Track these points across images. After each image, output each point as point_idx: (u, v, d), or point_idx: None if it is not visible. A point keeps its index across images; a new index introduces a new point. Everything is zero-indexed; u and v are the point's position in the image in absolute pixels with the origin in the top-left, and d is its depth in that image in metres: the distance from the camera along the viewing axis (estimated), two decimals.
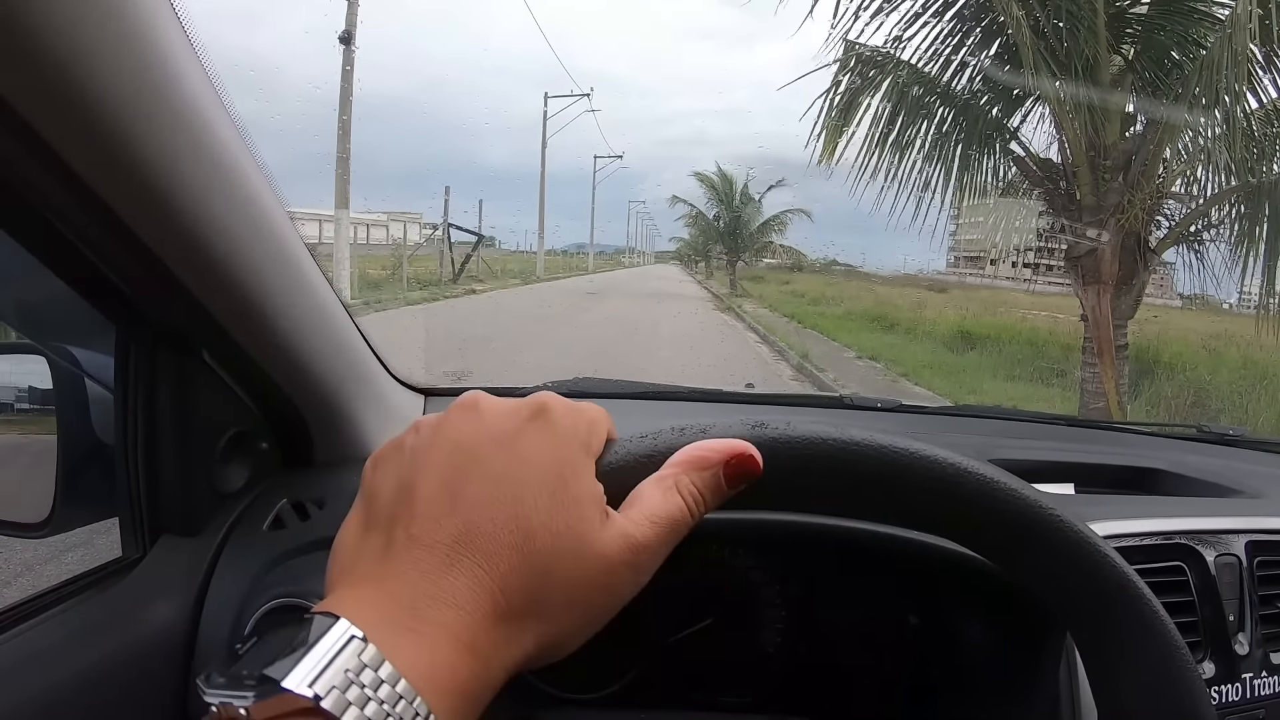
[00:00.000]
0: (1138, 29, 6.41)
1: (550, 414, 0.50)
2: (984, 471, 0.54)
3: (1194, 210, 6.80)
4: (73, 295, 0.71)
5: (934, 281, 31.60)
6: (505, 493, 0.46)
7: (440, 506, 0.46)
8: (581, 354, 11.48)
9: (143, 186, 0.56)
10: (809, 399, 2.07)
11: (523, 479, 0.47)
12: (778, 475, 0.54)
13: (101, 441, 0.87)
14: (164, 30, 0.56)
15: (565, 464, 0.48)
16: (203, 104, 0.61)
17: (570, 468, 0.48)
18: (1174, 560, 1.06)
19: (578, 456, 0.50)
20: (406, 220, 33.07)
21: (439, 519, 0.45)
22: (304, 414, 0.92)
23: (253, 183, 0.68)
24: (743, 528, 1.00)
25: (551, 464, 0.48)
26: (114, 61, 0.51)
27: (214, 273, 0.66)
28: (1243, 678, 1.04)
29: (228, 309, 0.70)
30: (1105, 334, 6.54)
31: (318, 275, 0.82)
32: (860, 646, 1.09)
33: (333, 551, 0.49)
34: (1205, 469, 1.44)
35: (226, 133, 0.64)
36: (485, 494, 0.46)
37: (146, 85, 0.54)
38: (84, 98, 0.49)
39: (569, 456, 0.49)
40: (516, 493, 0.46)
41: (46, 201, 0.57)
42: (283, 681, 0.37)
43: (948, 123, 7.06)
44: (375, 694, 0.38)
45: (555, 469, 0.48)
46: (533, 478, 0.47)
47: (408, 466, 0.48)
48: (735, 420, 0.54)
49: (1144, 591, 0.56)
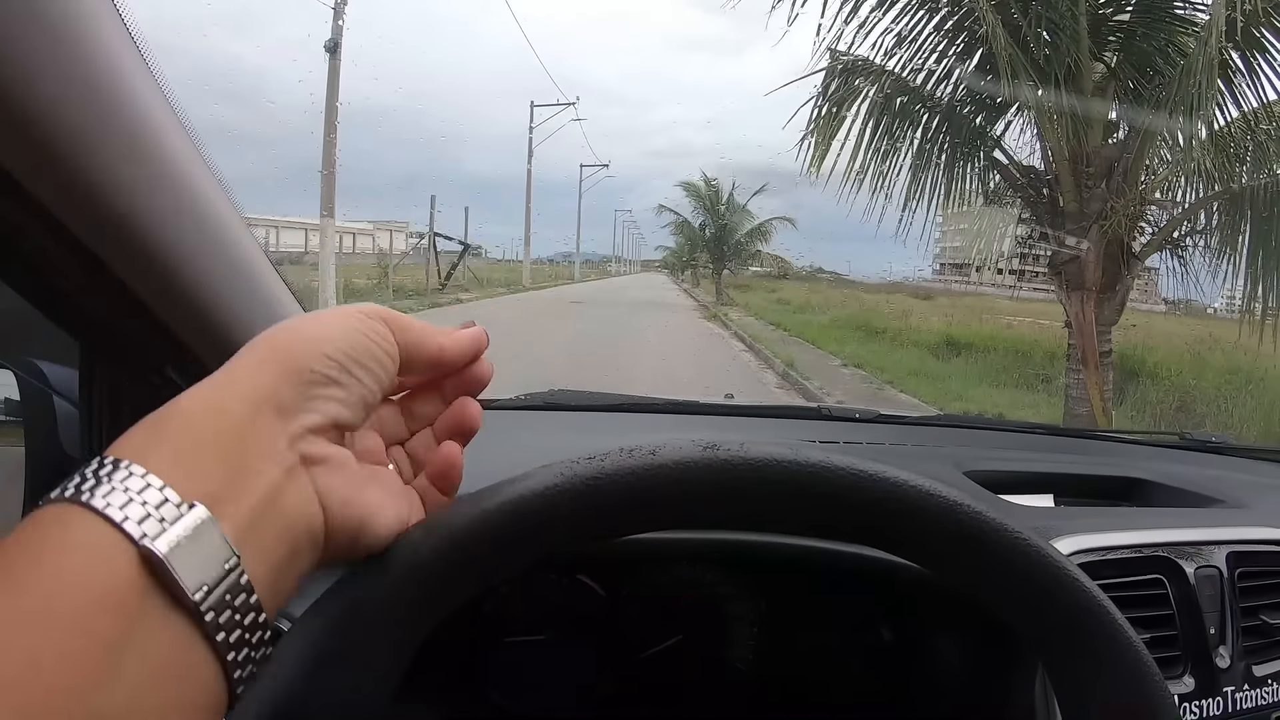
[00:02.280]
0: (1119, 36, 6.45)
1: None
2: (945, 493, 0.54)
3: (1177, 216, 6.84)
4: (36, 311, 0.70)
5: (919, 289, 31.76)
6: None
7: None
8: (563, 363, 11.48)
9: (101, 207, 0.56)
10: (787, 410, 2.06)
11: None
12: (733, 497, 0.53)
13: (70, 456, 0.86)
14: (114, 45, 0.55)
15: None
16: (156, 121, 0.60)
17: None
18: (1154, 573, 1.06)
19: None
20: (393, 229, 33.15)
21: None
22: None
23: (210, 198, 0.67)
24: (712, 546, 0.99)
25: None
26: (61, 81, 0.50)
27: (174, 290, 0.65)
28: (1224, 691, 1.04)
29: (189, 326, 0.69)
30: (1090, 340, 6.56)
31: (281, 287, 0.82)
32: (833, 663, 1.08)
33: None
34: (1187, 478, 1.44)
35: (185, 151, 0.63)
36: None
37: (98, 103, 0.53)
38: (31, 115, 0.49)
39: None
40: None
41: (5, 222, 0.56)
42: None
43: (931, 131, 7.09)
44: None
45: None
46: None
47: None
48: (687, 441, 0.53)
49: (1111, 612, 0.55)
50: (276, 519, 0.45)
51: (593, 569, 1.04)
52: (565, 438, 1.43)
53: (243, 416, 0.45)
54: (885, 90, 6.97)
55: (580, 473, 0.52)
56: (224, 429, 0.45)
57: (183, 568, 0.40)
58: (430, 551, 0.51)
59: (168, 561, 0.39)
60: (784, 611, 1.08)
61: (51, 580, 0.37)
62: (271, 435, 0.46)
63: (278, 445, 0.46)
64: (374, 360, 0.52)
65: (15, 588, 0.37)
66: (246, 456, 0.45)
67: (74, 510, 0.39)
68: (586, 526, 0.54)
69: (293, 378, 0.48)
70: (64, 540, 0.39)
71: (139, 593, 0.39)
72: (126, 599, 0.38)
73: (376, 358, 0.52)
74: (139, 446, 0.43)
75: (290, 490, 0.46)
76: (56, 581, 0.37)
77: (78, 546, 0.38)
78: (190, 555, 0.40)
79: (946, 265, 38.29)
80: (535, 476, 0.53)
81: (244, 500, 0.44)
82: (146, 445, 0.43)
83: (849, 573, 0.99)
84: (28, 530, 0.39)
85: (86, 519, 0.39)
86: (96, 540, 0.39)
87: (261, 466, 0.45)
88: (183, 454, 0.43)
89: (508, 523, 0.52)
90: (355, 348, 0.51)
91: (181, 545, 0.40)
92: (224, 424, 0.45)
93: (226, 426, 0.45)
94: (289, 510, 0.46)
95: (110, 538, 0.39)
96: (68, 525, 0.39)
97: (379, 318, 0.54)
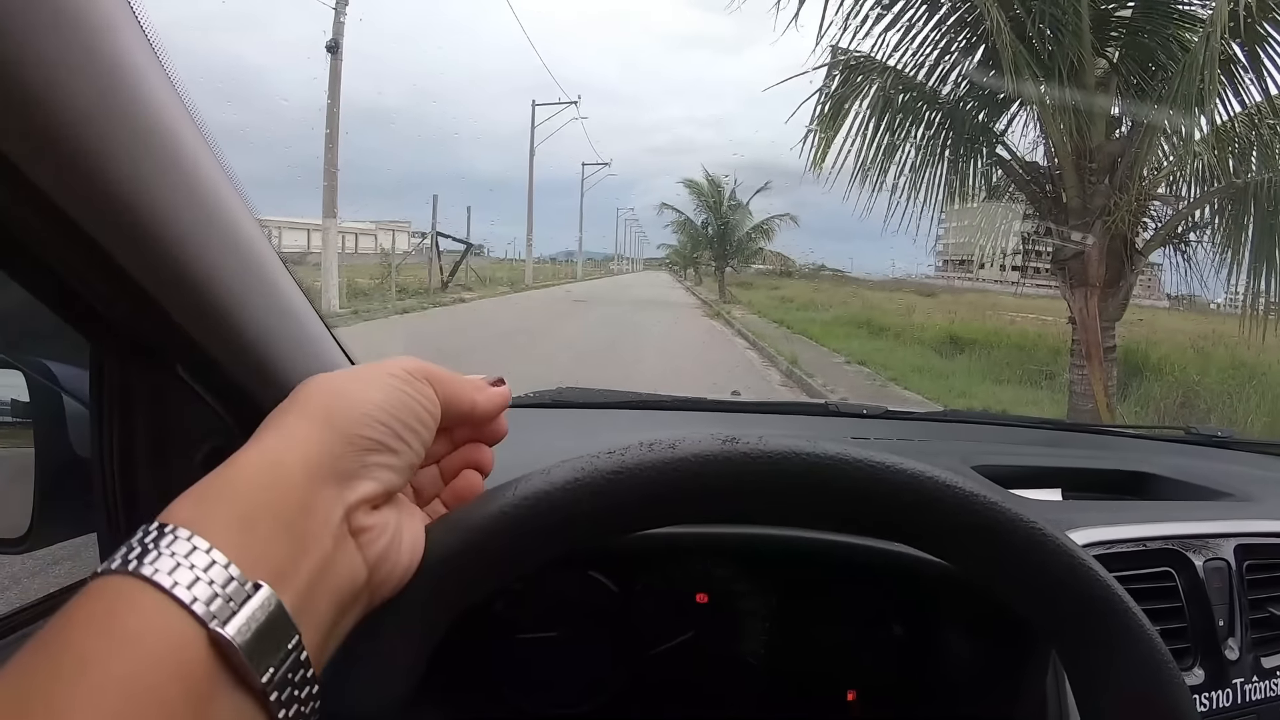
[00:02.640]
0: (1122, 32, 6.44)
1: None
2: (962, 485, 0.54)
3: (1180, 211, 6.82)
4: (45, 310, 0.70)
5: (922, 286, 31.71)
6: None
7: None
8: (567, 362, 11.47)
9: (111, 203, 0.55)
10: (794, 406, 2.06)
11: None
12: (752, 490, 0.53)
13: (79, 456, 0.86)
14: (126, 40, 0.55)
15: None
16: (169, 117, 0.60)
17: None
18: (1162, 566, 1.06)
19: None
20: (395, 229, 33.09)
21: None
22: None
23: (223, 195, 0.67)
24: (724, 541, 0.99)
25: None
26: (75, 73, 0.50)
27: (185, 287, 0.65)
28: (1233, 683, 1.04)
29: (200, 323, 0.69)
30: (1093, 336, 6.55)
31: (293, 287, 0.81)
32: (844, 658, 1.08)
33: None
34: (1194, 472, 1.44)
35: (195, 145, 0.63)
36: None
37: (109, 99, 0.53)
38: (44, 112, 0.48)
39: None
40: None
41: (14, 220, 0.56)
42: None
43: (934, 127, 7.08)
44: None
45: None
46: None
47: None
48: (706, 435, 0.54)
49: (1127, 602, 0.55)
50: (328, 588, 0.46)
51: (605, 565, 1.03)
52: (575, 435, 1.42)
53: (303, 485, 0.46)
54: (887, 87, 6.95)
55: (601, 467, 0.53)
56: (286, 499, 0.45)
57: (252, 653, 0.40)
58: (450, 549, 0.51)
59: (240, 649, 0.39)
60: (796, 607, 1.07)
61: (126, 665, 0.37)
62: (329, 505, 0.47)
63: (334, 516, 0.47)
64: (420, 423, 0.53)
65: (90, 670, 0.36)
66: (306, 528, 0.45)
67: (139, 587, 0.39)
68: (607, 521, 0.54)
69: (349, 445, 0.49)
70: (134, 621, 0.38)
71: (210, 678, 0.39)
72: (199, 685, 0.38)
73: (423, 420, 0.53)
74: (199, 513, 0.43)
75: (340, 559, 0.47)
76: (131, 665, 0.37)
77: (149, 630, 0.38)
78: (259, 640, 0.40)
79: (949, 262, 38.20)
80: (556, 471, 0.53)
81: (301, 574, 0.44)
82: (207, 512, 0.43)
83: (861, 567, 0.99)
84: (93, 604, 0.39)
85: (154, 598, 0.39)
86: (169, 624, 0.39)
87: (319, 538, 0.45)
88: (245, 523, 0.43)
89: (529, 518, 0.52)
90: (404, 411, 0.52)
91: (250, 630, 0.40)
92: (286, 493, 0.45)
93: (288, 496, 0.45)
94: (339, 578, 0.46)
95: (180, 620, 0.39)
96: (136, 604, 0.39)
97: (423, 378, 0.55)
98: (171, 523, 0.42)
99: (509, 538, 0.52)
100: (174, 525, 0.42)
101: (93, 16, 0.52)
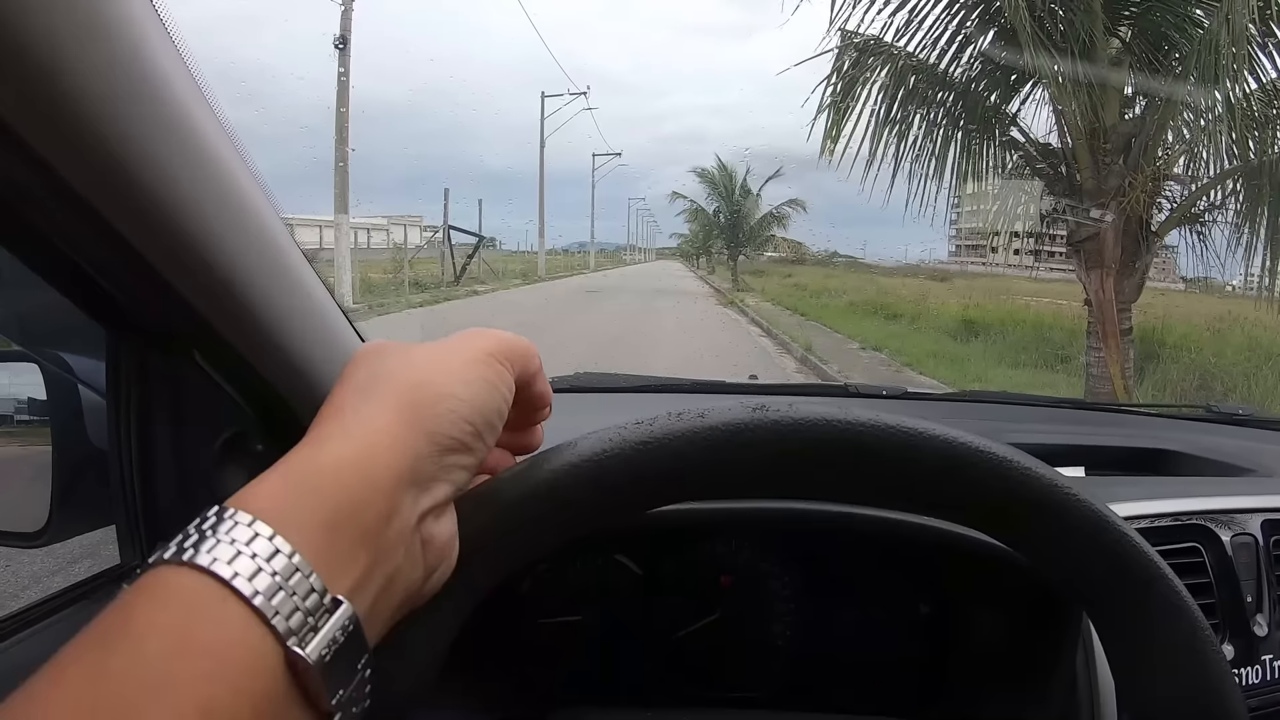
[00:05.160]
0: (1134, 9, 6.40)
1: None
2: (999, 451, 0.53)
3: (1195, 191, 6.78)
4: (62, 301, 0.70)
5: (936, 270, 31.65)
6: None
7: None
8: (583, 350, 11.48)
9: (129, 190, 0.55)
10: (812, 388, 2.06)
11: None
12: (782, 459, 0.52)
13: (97, 448, 0.86)
14: (148, 33, 0.54)
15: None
16: (190, 107, 0.59)
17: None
18: (1190, 541, 1.05)
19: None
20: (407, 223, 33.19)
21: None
22: (300, 415, 0.91)
23: (242, 184, 0.67)
24: (748, 518, 0.99)
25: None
26: (98, 66, 0.50)
27: (203, 274, 0.65)
28: (1262, 659, 1.03)
29: (218, 310, 0.69)
30: (1109, 318, 6.53)
31: (311, 274, 0.81)
32: (870, 637, 1.08)
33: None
34: (1217, 449, 1.43)
35: (215, 134, 0.63)
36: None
37: (130, 88, 0.53)
38: (68, 103, 0.48)
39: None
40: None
41: (33, 208, 0.56)
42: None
43: (946, 108, 7.05)
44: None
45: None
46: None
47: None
48: (734, 402, 0.53)
49: (1167, 573, 0.55)
50: (391, 599, 0.44)
51: (629, 548, 1.03)
52: (594, 417, 1.41)
53: (388, 490, 0.43)
54: (898, 69, 6.93)
55: (629, 437, 0.52)
56: (372, 504, 0.42)
57: (327, 675, 0.38)
58: (482, 527, 0.50)
59: (319, 674, 0.38)
60: (820, 587, 1.07)
61: (205, 687, 0.34)
62: (407, 514, 0.44)
63: (409, 524, 0.44)
64: (500, 417, 0.51)
65: (169, 692, 0.34)
66: (384, 538, 0.43)
67: (219, 593, 0.37)
68: (636, 492, 0.53)
69: (433, 446, 0.46)
70: (213, 634, 0.36)
71: (283, 701, 0.37)
72: (272, 707, 0.36)
73: (502, 414, 0.51)
74: (284, 511, 0.40)
75: (406, 568, 0.45)
76: (210, 688, 0.35)
77: (229, 647, 0.36)
78: (335, 661, 0.39)
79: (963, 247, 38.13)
80: (583, 443, 0.52)
81: (373, 586, 0.42)
82: (290, 508, 0.40)
83: (886, 543, 0.98)
84: (169, 607, 0.36)
85: (236, 609, 0.36)
86: (249, 640, 0.36)
87: (393, 548, 0.43)
88: (331, 530, 0.41)
89: (557, 490, 0.51)
90: (489, 409, 0.49)
91: (330, 652, 0.38)
92: (371, 498, 0.43)
93: (374, 502, 0.43)
94: (401, 586, 0.45)
95: (260, 637, 0.36)
96: (215, 615, 0.36)
97: (506, 359, 0.52)
98: (252, 515, 0.39)
99: (533, 513, 0.51)
100: (254, 519, 0.39)
101: (121, 17, 0.51)
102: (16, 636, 0.73)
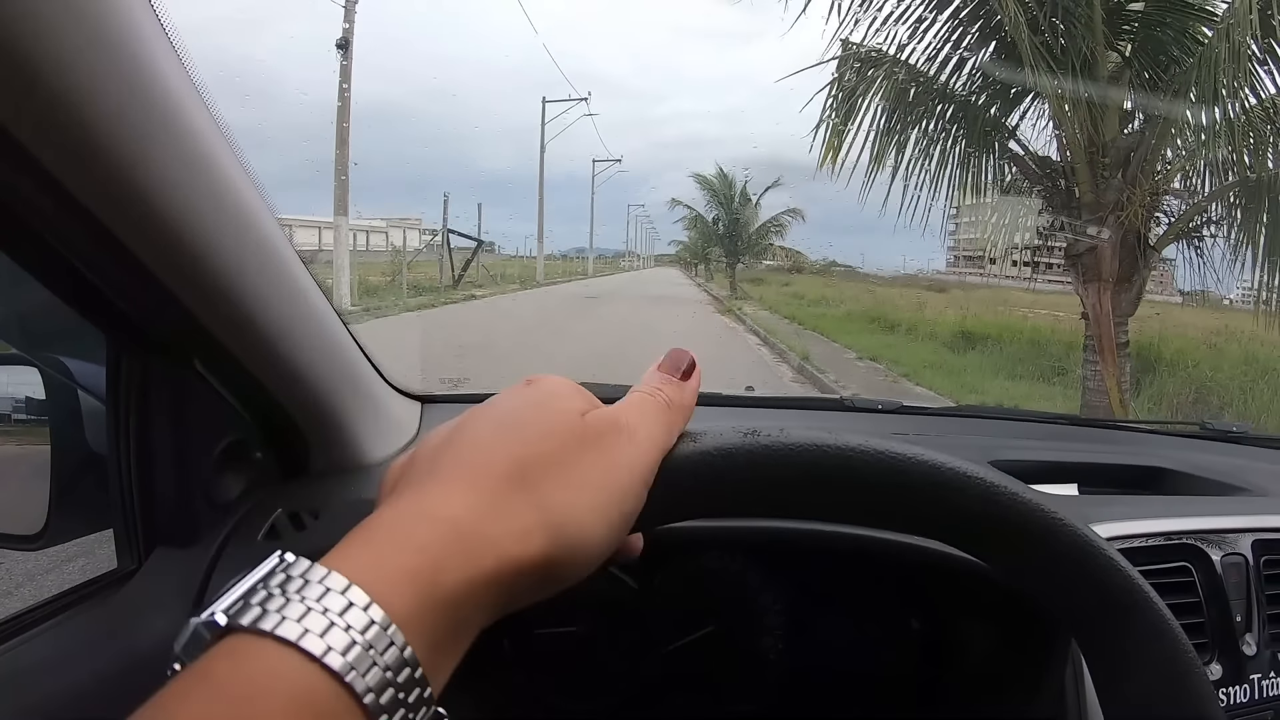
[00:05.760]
0: (1135, 25, 6.40)
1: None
2: (986, 476, 0.53)
3: (1193, 206, 6.79)
4: (63, 306, 0.70)
5: (934, 281, 31.55)
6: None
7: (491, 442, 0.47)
8: (580, 358, 11.47)
9: (130, 198, 0.56)
10: (809, 401, 2.06)
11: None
12: (773, 482, 0.53)
13: (95, 453, 0.86)
14: (148, 41, 0.55)
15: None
16: (189, 114, 0.60)
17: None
18: (1180, 560, 1.06)
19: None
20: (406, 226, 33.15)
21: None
22: (299, 423, 0.91)
23: (241, 191, 0.67)
24: (741, 535, 0.99)
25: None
26: (99, 74, 0.50)
27: (204, 282, 0.65)
28: (1251, 679, 1.04)
29: (218, 318, 0.69)
30: (1106, 331, 6.53)
31: (310, 282, 0.82)
32: (862, 652, 1.08)
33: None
34: (1210, 467, 1.43)
35: (214, 141, 0.63)
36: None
37: (131, 96, 0.53)
38: (69, 111, 0.49)
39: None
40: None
41: (35, 214, 0.56)
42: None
43: (946, 121, 7.06)
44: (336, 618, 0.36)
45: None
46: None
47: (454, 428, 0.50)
48: (728, 427, 0.53)
49: (1151, 597, 0.55)
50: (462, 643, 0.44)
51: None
52: None
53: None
54: (899, 81, 6.93)
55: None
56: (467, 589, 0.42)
57: None
58: None
59: None
60: (813, 602, 1.07)
61: None
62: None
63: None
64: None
65: None
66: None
67: (325, 683, 0.35)
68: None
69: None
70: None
71: None
72: None
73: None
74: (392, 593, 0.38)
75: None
76: None
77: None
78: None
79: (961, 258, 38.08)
80: None
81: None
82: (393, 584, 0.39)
83: (878, 560, 0.98)
84: (268, 686, 0.34)
85: (341, 700, 0.35)
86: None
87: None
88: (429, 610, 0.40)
89: None
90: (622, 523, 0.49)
91: None
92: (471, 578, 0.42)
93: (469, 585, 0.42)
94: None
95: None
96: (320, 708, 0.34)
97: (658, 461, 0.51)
98: (363, 589, 0.37)
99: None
100: (368, 600, 0.37)
101: (119, 22, 0.52)
102: (16, 640, 0.74)
